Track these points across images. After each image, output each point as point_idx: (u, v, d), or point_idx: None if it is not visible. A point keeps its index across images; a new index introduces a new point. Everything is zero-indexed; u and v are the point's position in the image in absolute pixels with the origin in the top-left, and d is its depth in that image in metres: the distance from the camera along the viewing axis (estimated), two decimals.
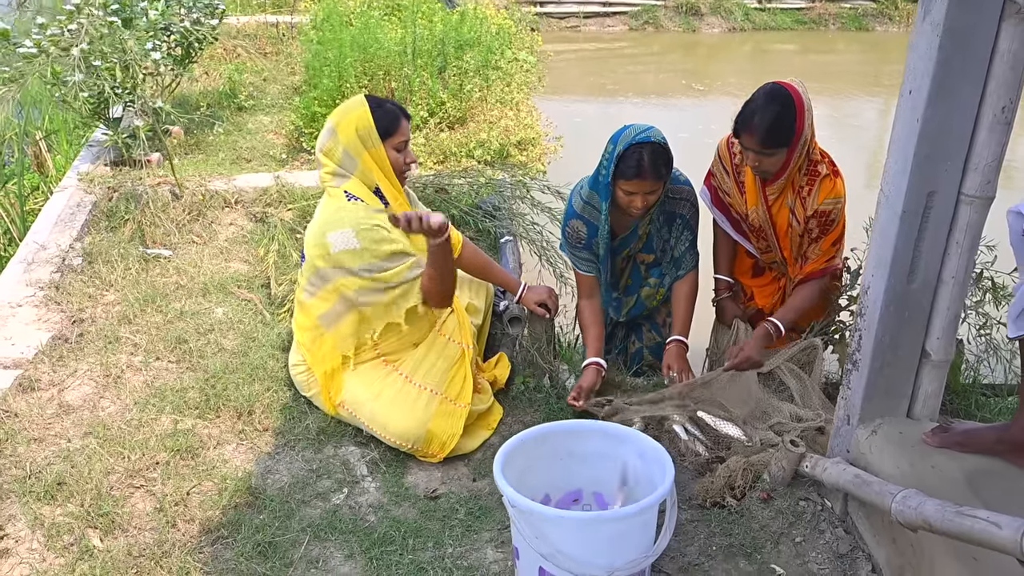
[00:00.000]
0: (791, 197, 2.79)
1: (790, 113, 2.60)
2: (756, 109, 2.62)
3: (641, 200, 2.72)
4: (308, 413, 2.75)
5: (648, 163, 2.65)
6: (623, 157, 2.67)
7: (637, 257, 3.06)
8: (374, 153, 2.65)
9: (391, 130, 2.66)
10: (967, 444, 2.05)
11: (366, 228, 2.57)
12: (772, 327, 2.87)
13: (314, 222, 2.71)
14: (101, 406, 2.72)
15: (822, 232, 2.77)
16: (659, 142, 2.68)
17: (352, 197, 2.63)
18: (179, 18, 5.02)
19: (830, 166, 2.75)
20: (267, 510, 2.35)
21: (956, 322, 2.08)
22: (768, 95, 2.63)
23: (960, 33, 1.79)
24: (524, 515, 1.85)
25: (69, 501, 2.31)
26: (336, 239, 2.57)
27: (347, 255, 2.57)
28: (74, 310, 3.23)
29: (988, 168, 1.90)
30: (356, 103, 2.67)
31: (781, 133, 2.61)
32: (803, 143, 2.65)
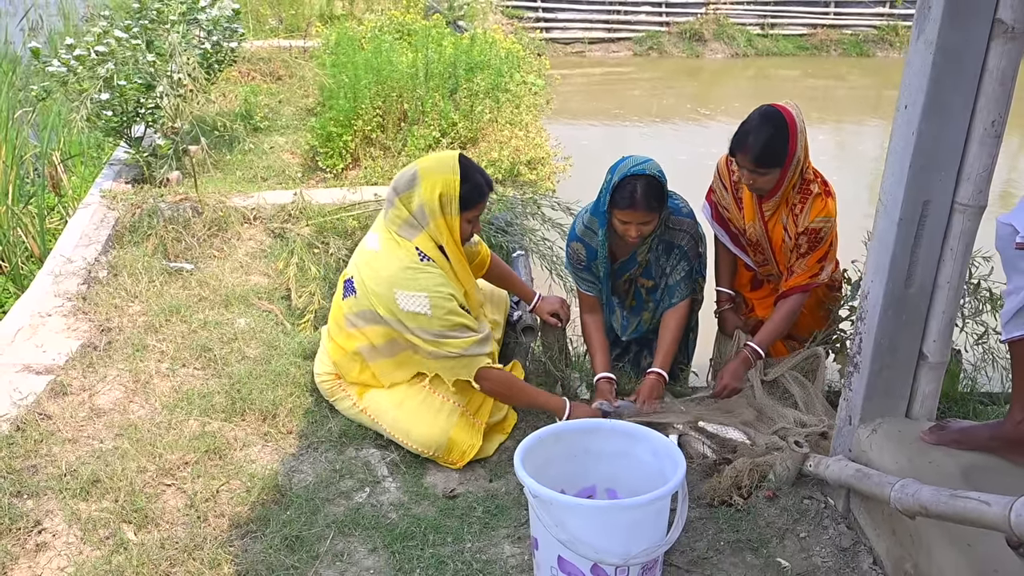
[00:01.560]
0: (785, 214, 2.90)
1: (783, 134, 2.72)
2: (750, 130, 2.74)
3: (635, 230, 2.79)
4: (330, 417, 2.86)
5: (640, 195, 2.72)
6: (618, 187, 2.75)
7: (637, 282, 3.15)
8: (449, 220, 2.64)
9: (473, 204, 2.66)
10: (963, 441, 2.15)
11: (440, 297, 2.58)
12: (751, 352, 2.97)
13: (376, 265, 2.66)
14: (131, 410, 2.83)
15: (810, 248, 2.88)
16: (654, 175, 2.74)
17: (425, 257, 2.63)
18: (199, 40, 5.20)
19: (822, 186, 2.85)
20: (293, 506, 2.45)
21: (951, 325, 2.19)
22: (763, 116, 2.75)
23: (952, 51, 1.92)
24: (545, 504, 1.95)
25: (104, 498, 2.41)
26: (406, 300, 2.57)
27: (415, 318, 2.59)
28: (101, 320, 3.35)
29: (980, 178, 2.02)
30: (448, 166, 2.62)
31: (774, 153, 2.72)
32: (796, 163, 2.76)
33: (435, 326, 2.60)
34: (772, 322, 3.01)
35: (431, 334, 2.61)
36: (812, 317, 3.16)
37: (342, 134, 5.13)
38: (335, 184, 4.86)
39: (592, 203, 2.98)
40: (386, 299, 2.61)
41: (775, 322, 3.00)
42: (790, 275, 2.95)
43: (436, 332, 2.61)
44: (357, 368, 2.79)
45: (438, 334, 2.61)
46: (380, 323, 2.67)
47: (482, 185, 2.68)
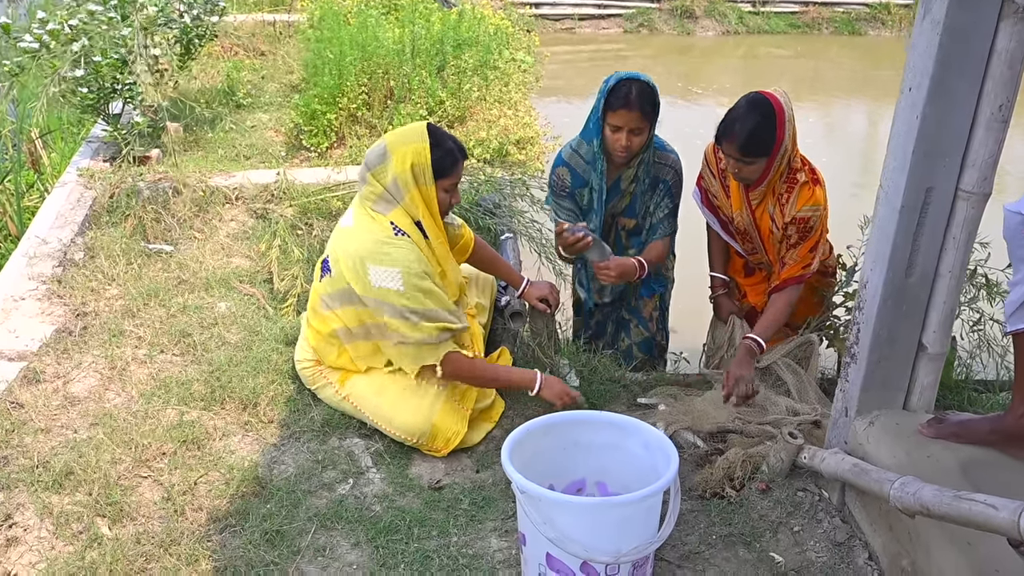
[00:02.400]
0: (772, 203, 2.84)
1: (771, 123, 2.64)
2: (737, 118, 2.66)
3: (626, 138, 2.82)
4: (313, 405, 2.78)
5: (635, 96, 2.77)
6: (612, 89, 2.80)
7: (619, 222, 3.11)
8: (424, 190, 2.58)
9: (447, 171, 2.59)
10: (962, 435, 2.09)
11: (413, 274, 2.51)
12: (754, 344, 2.89)
13: (350, 241, 2.60)
14: (107, 398, 2.75)
15: (800, 238, 2.81)
16: (647, 82, 2.81)
17: (400, 231, 2.56)
18: (178, 14, 5.05)
19: (810, 174, 2.78)
20: (274, 499, 2.37)
21: (952, 316, 2.13)
22: (750, 104, 2.67)
23: (959, 31, 1.84)
24: (533, 501, 1.89)
25: (77, 490, 2.33)
26: (378, 275, 2.51)
27: (387, 293, 2.51)
28: (77, 304, 3.25)
29: (985, 165, 1.95)
30: (417, 135, 2.56)
31: (761, 142, 2.65)
32: (783, 152, 2.69)
33: (407, 303, 2.52)
34: (771, 313, 2.93)
35: (402, 312, 2.53)
36: (805, 303, 3.10)
37: (326, 112, 5.01)
38: (319, 163, 4.74)
39: (581, 130, 3.00)
40: (360, 275, 2.54)
41: (774, 313, 2.92)
42: (783, 266, 2.88)
43: (409, 310, 2.52)
44: (335, 351, 2.72)
45: (410, 311, 2.52)
46: (354, 304, 2.60)
47: (454, 150, 2.60)
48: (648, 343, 3.38)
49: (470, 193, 4.08)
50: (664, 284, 3.36)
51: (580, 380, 3.03)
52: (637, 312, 3.36)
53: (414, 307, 2.53)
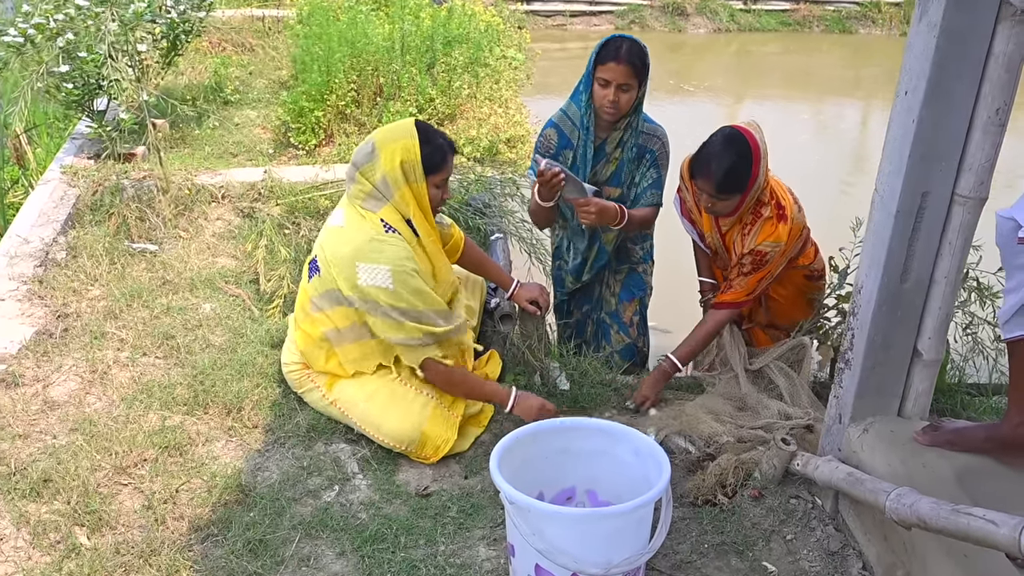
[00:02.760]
0: (737, 231, 2.83)
1: (746, 161, 2.63)
2: (713, 155, 2.64)
3: (614, 93, 2.82)
4: (298, 410, 2.73)
5: (625, 50, 2.80)
6: (605, 45, 2.83)
7: (603, 191, 3.08)
8: (414, 187, 2.54)
9: (437, 168, 2.55)
10: (957, 443, 2.07)
11: (404, 272, 2.47)
12: (669, 364, 2.89)
13: (340, 240, 2.55)
14: (87, 402, 2.69)
15: (753, 270, 2.80)
16: (638, 40, 2.85)
17: (390, 228, 2.52)
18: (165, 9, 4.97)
19: (775, 209, 2.75)
20: (257, 507, 2.33)
21: (948, 322, 2.10)
22: (726, 141, 2.65)
23: (956, 34, 1.81)
24: (521, 512, 1.85)
25: (55, 498, 2.28)
26: (368, 274, 2.47)
27: (377, 292, 2.47)
28: (58, 305, 3.18)
29: (982, 169, 1.91)
30: (405, 131, 2.53)
31: (736, 180, 2.64)
32: (756, 188, 2.69)
33: (394, 302, 2.48)
34: (698, 334, 2.92)
35: (387, 312, 2.48)
36: (794, 307, 3.07)
37: (314, 109, 4.95)
38: (307, 161, 4.69)
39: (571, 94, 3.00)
40: (348, 274, 2.50)
41: (700, 335, 2.92)
42: (728, 288, 2.86)
43: (395, 309, 2.48)
44: (324, 355, 2.67)
45: (397, 311, 2.48)
46: (344, 304, 2.55)
47: (444, 146, 2.57)
48: (630, 349, 3.34)
49: (460, 192, 4.03)
50: (644, 288, 3.33)
51: (571, 384, 2.99)
52: (617, 317, 3.32)
53: (401, 306, 2.49)
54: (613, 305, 3.33)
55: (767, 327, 3.19)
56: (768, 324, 3.18)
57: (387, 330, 2.51)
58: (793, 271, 2.99)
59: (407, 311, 2.50)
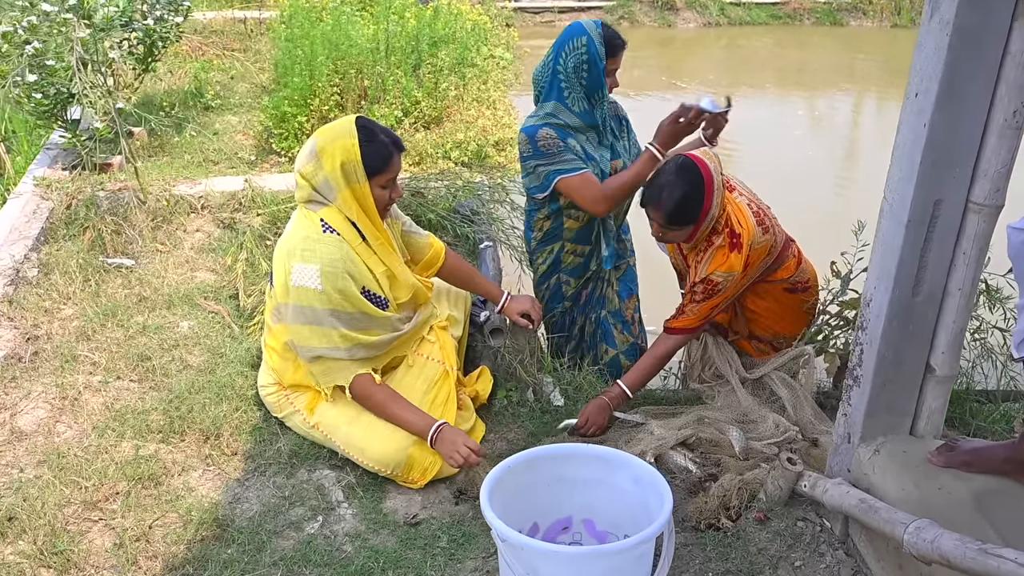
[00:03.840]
0: (692, 257, 2.74)
1: (698, 193, 2.54)
2: (664, 185, 2.56)
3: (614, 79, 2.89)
4: (280, 434, 2.60)
5: (616, 34, 2.85)
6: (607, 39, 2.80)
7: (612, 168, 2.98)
8: (356, 189, 2.41)
9: (381, 168, 2.42)
10: (974, 463, 1.95)
11: (334, 273, 2.37)
12: (618, 392, 2.76)
13: (282, 243, 2.49)
14: (57, 431, 2.56)
15: (705, 298, 2.70)
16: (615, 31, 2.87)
17: (328, 228, 2.42)
18: (141, 15, 4.83)
19: (728, 238, 2.64)
20: (236, 543, 2.20)
21: (962, 336, 1.99)
22: (679, 171, 2.56)
23: (971, 32, 1.69)
24: (515, 550, 1.73)
25: (20, 538, 2.15)
26: (299, 274, 2.36)
27: (304, 294, 2.37)
28: (28, 326, 3.05)
29: (997, 175, 1.80)
30: (345, 131, 2.40)
31: (687, 212, 2.56)
32: (710, 219, 2.60)
33: (321, 305, 2.36)
34: (646, 361, 2.81)
35: (312, 317, 2.36)
36: (776, 320, 2.95)
37: (297, 114, 4.81)
38: (290, 168, 4.54)
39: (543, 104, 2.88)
40: (284, 276, 2.40)
41: (649, 362, 2.81)
42: (680, 314, 2.75)
43: (324, 312, 2.36)
44: (292, 367, 2.55)
45: (325, 314, 2.36)
46: (281, 320, 2.46)
47: (387, 144, 2.43)
48: (634, 349, 3.23)
49: (447, 199, 3.90)
50: (636, 283, 3.26)
51: (565, 399, 2.87)
52: (620, 315, 3.21)
53: (328, 308, 2.37)
54: (616, 303, 3.20)
55: (750, 339, 3.07)
56: (750, 336, 3.07)
57: (311, 338, 2.39)
58: (770, 285, 2.87)
59: (336, 312, 2.39)
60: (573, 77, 2.80)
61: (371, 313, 2.47)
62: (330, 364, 2.44)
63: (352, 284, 2.41)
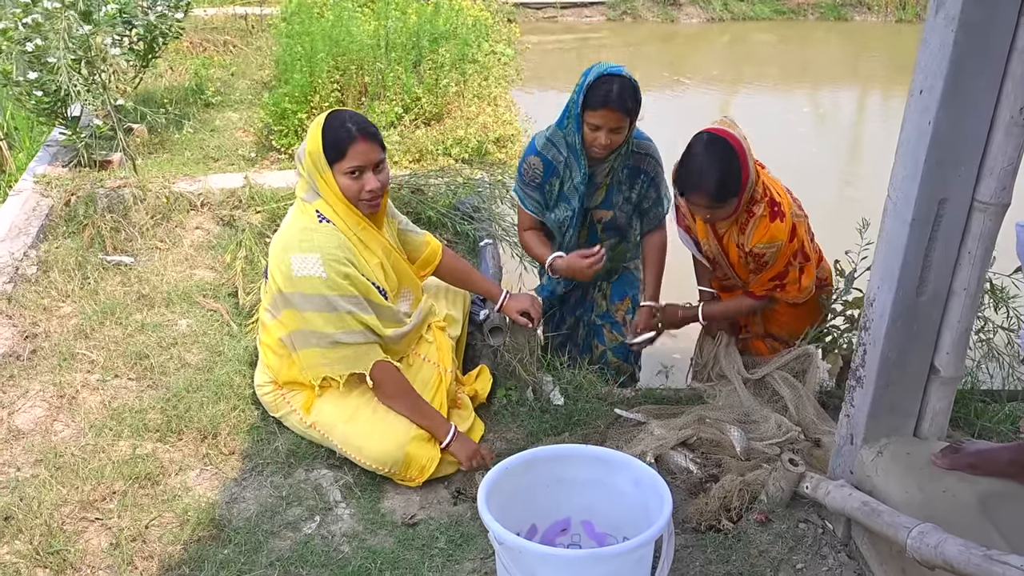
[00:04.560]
0: (735, 232, 2.72)
1: (735, 163, 2.51)
2: (700, 168, 2.52)
3: (605, 137, 2.71)
4: (277, 434, 2.59)
5: (615, 94, 2.65)
6: (592, 87, 2.67)
7: (594, 215, 2.99)
8: (326, 178, 2.41)
9: (339, 154, 2.38)
10: (979, 466, 1.93)
11: (335, 260, 2.37)
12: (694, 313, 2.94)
13: (280, 236, 2.50)
14: (54, 430, 2.54)
15: (757, 269, 2.72)
16: (629, 78, 2.69)
17: (323, 219, 2.43)
18: (142, 11, 4.80)
19: (768, 207, 2.63)
20: (232, 544, 2.18)
21: (967, 336, 1.96)
22: (708, 149, 2.52)
23: (976, 28, 1.66)
24: (512, 552, 1.71)
25: (16, 538, 2.13)
26: (300, 264, 2.36)
27: (310, 283, 2.36)
28: (27, 324, 3.03)
29: (1004, 173, 1.77)
30: (319, 120, 2.42)
31: (730, 186, 2.53)
32: (750, 185, 2.58)
33: (329, 291, 2.36)
34: (727, 304, 2.92)
35: (322, 303, 2.36)
36: (794, 317, 2.93)
37: (297, 111, 4.78)
38: (290, 165, 4.52)
39: (556, 121, 2.85)
40: (284, 268, 2.40)
41: (729, 306, 2.92)
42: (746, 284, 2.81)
43: (333, 298, 2.36)
44: (287, 363, 2.54)
45: (335, 299, 2.36)
46: (288, 306, 2.43)
47: (349, 130, 2.37)
48: (623, 348, 3.21)
49: (447, 196, 3.88)
50: (636, 287, 3.22)
51: (565, 398, 2.85)
52: (609, 317, 3.21)
53: (337, 294, 2.37)
54: (604, 307, 3.22)
55: (765, 337, 3.05)
56: (766, 334, 3.05)
57: (327, 324, 2.39)
58: None
59: (346, 298, 2.38)
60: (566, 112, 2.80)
61: (376, 300, 2.47)
62: (348, 350, 2.42)
63: (354, 269, 2.42)
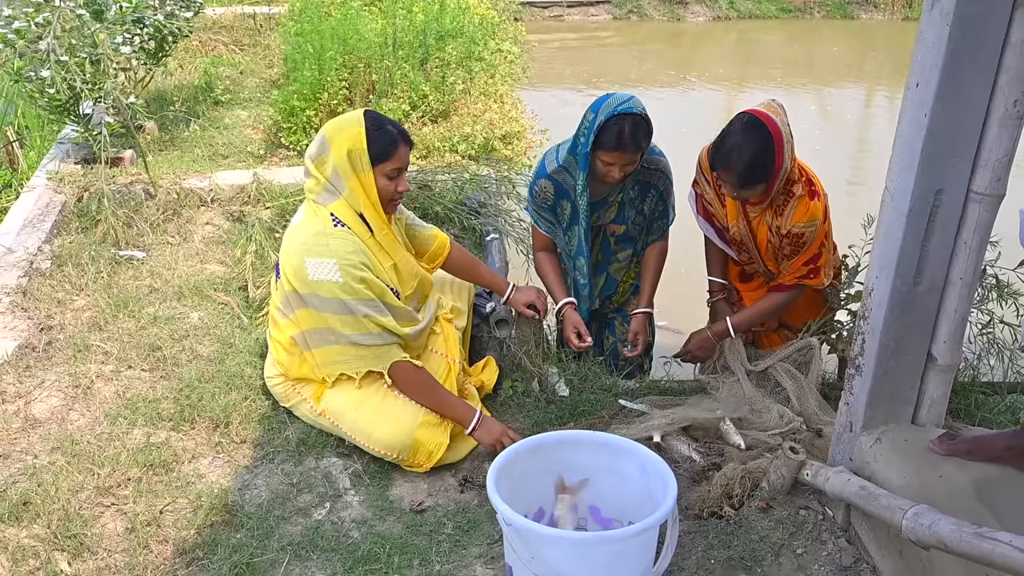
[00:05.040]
0: (770, 215, 2.74)
1: (768, 150, 2.53)
2: (733, 147, 2.54)
3: (619, 171, 2.74)
4: (288, 423, 2.64)
5: (629, 135, 2.64)
6: (604, 128, 2.66)
7: (607, 229, 3.03)
8: (363, 178, 2.45)
9: (385, 155, 2.44)
10: (975, 452, 1.97)
11: (351, 265, 2.41)
12: (723, 327, 2.92)
13: (292, 237, 2.52)
14: (70, 419, 2.60)
15: (793, 252, 2.73)
16: (640, 114, 2.68)
17: (339, 222, 2.46)
18: (152, 11, 4.86)
19: (807, 186, 2.66)
20: (244, 528, 2.24)
21: (964, 325, 2.00)
22: (745, 131, 2.55)
23: (971, 22, 1.70)
24: (520, 534, 1.76)
25: (35, 522, 2.19)
26: (316, 268, 2.40)
27: (326, 287, 2.40)
28: (42, 317, 3.09)
29: (999, 164, 1.81)
30: (354, 120, 2.46)
31: (760, 171, 2.55)
32: (783, 173, 2.59)
33: (346, 296, 2.40)
34: (757, 307, 2.93)
35: (339, 307, 2.42)
36: (809, 305, 2.97)
37: (305, 108, 4.84)
38: (299, 162, 4.58)
39: (568, 142, 2.86)
40: (299, 271, 2.43)
41: (759, 309, 2.93)
42: (779, 274, 2.82)
43: (350, 302, 2.41)
44: (298, 361, 2.59)
45: (352, 303, 2.41)
46: (304, 306, 2.48)
47: (393, 133, 2.46)
48: None
49: (454, 191, 3.93)
50: None
51: (570, 390, 2.90)
52: (622, 310, 3.24)
53: (355, 299, 2.42)
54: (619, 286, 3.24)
55: (780, 328, 3.09)
56: (781, 325, 3.09)
57: (345, 327, 2.44)
58: None
59: (363, 302, 2.43)
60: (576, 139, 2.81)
61: (391, 302, 2.51)
62: (366, 351, 2.48)
63: (370, 274, 2.46)
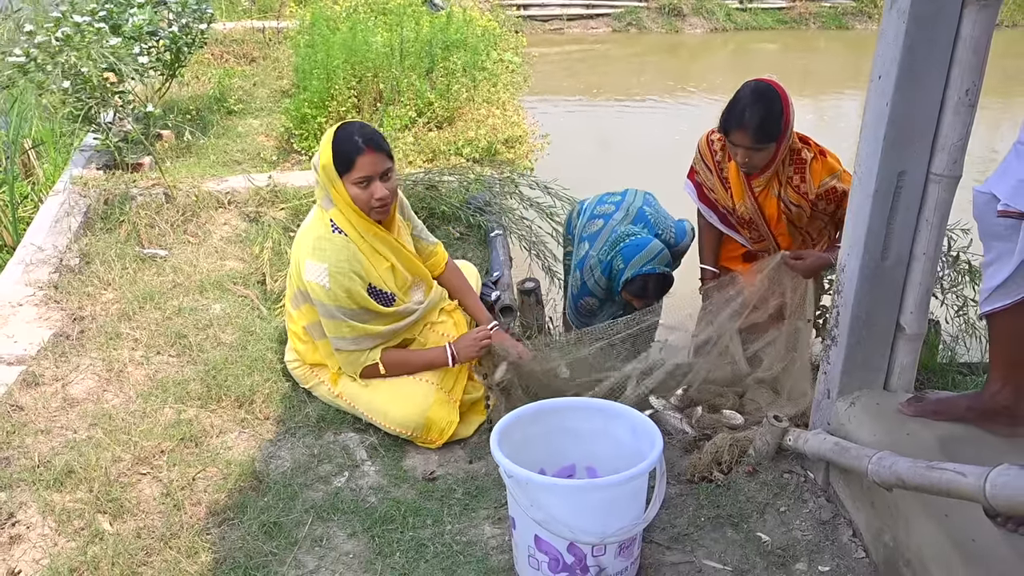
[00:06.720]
0: (777, 187, 2.88)
1: (777, 107, 2.72)
2: (745, 107, 2.72)
3: (639, 305, 3.17)
4: (307, 402, 2.83)
5: (652, 290, 3.11)
6: (631, 281, 3.10)
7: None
8: (339, 188, 2.57)
9: (347, 166, 2.53)
10: (940, 412, 2.15)
11: (340, 273, 2.56)
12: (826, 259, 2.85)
13: (300, 237, 2.70)
14: (105, 399, 2.79)
15: (839, 205, 2.83)
16: (663, 273, 3.10)
17: (336, 228, 2.62)
18: (167, 23, 5.10)
19: (815, 148, 2.84)
20: (271, 493, 2.42)
21: (928, 296, 2.18)
22: (755, 92, 2.74)
23: (925, 20, 1.90)
24: (520, 484, 1.94)
25: (78, 488, 2.38)
26: (310, 270, 2.58)
27: (316, 289, 2.59)
28: (74, 308, 3.29)
29: (954, 148, 2.00)
30: (328, 134, 2.58)
31: (771, 128, 2.72)
32: (789, 135, 2.76)
33: (330, 302, 2.58)
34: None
35: (326, 311, 2.61)
36: None
37: (316, 115, 5.06)
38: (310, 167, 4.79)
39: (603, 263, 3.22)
40: (299, 269, 2.64)
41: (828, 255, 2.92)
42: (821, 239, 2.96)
43: (334, 308, 2.59)
44: (312, 348, 2.79)
45: (335, 309, 2.59)
46: (308, 301, 2.68)
47: (356, 143, 2.52)
48: None
49: (460, 192, 4.13)
50: None
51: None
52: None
53: (335, 305, 2.60)
54: None
55: None
56: None
57: (328, 328, 2.64)
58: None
59: (341, 309, 2.60)
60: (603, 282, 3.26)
61: (374, 310, 2.67)
62: (341, 356, 2.69)
63: (358, 283, 2.61)
